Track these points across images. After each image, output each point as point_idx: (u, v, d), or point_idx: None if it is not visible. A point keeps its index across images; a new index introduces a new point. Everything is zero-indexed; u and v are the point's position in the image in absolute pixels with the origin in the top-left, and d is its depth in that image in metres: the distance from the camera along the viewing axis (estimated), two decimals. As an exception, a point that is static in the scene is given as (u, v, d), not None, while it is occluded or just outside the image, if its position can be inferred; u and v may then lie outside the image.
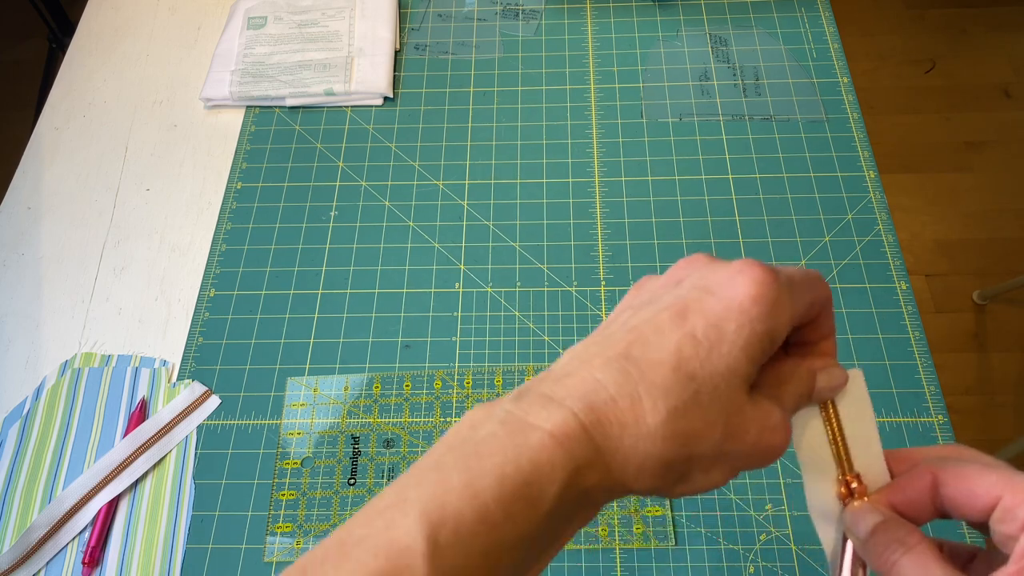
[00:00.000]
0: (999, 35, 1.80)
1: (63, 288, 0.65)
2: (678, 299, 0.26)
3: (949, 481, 0.28)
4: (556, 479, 0.24)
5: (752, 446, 0.26)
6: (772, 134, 0.70)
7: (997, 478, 0.27)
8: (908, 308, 0.60)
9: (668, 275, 0.29)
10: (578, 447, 0.24)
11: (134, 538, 0.54)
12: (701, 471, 0.26)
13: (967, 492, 0.27)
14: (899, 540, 0.27)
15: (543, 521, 0.24)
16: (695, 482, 0.26)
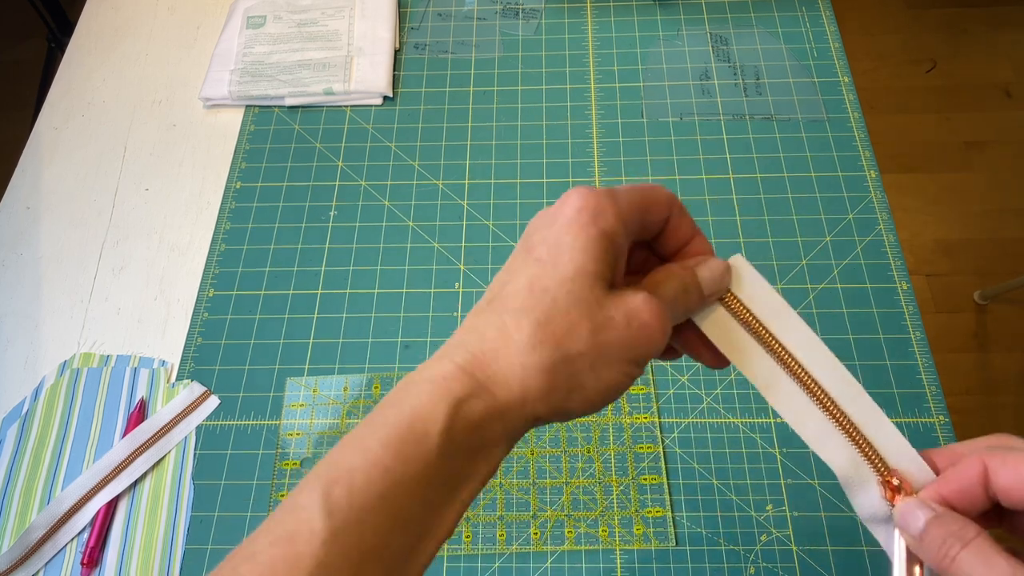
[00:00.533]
0: (1000, 35, 1.80)
1: (62, 288, 0.65)
2: (526, 240, 0.29)
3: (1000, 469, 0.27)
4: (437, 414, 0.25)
5: (624, 330, 0.27)
6: (773, 134, 0.69)
7: None
8: (909, 308, 0.60)
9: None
10: (455, 383, 0.26)
11: (133, 538, 0.54)
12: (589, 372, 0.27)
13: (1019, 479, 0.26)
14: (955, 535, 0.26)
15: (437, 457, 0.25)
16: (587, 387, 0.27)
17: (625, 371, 0.28)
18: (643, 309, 0.27)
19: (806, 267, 0.62)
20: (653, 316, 0.28)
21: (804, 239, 0.64)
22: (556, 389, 0.27)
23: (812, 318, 0.60)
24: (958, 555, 0.26)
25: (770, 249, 0.63)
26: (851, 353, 0.58)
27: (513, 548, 0.52)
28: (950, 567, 0.26)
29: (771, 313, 0.32)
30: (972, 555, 0.25)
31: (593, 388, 0.27)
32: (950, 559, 0.26)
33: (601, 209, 0.27)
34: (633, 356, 0.27)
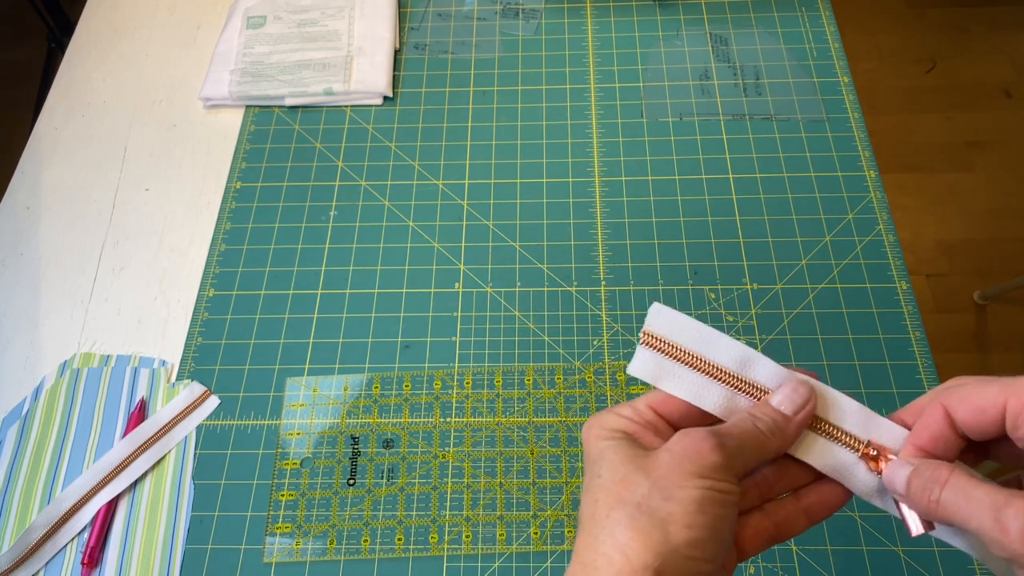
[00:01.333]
0: (1000, 35, 1.80)
1: (62, 288, 0.65)
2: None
3: (957, 406, 0.28)
4: None
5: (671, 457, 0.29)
6: (773, 133, 0.69)
7: (997, 388, 0.27)
8: (909, 308, 0.60)
9: None
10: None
11: (133, 538, 0.54)
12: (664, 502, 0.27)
13: (975, 410, 0.27)
14: (932, 479, 0.27)
15: None
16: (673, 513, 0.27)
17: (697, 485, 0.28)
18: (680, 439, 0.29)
19: (806, 267, 0.62)
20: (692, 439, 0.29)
21: (804, 239, 0.64)
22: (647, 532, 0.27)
23: (812, 318, 0.60)
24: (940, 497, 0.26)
25: (770, 249, 0.63)
26: (851, 353, 0.58)
27: (513, 548, 0.52)
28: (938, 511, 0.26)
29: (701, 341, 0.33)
30: (952, 493, 0.26)
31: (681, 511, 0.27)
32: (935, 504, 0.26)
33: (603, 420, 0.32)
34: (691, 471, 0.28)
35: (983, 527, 0.24)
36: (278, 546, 0.53)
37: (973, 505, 0.25)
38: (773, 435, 0.30)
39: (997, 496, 0.24)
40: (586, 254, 0.64)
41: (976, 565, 0.50)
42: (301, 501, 0.54)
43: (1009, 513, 0.23)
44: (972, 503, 0.25)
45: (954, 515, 0.26)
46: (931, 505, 0.27)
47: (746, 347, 0.32)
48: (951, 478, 0.26)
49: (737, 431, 0.30)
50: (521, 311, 0.61)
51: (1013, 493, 0.24)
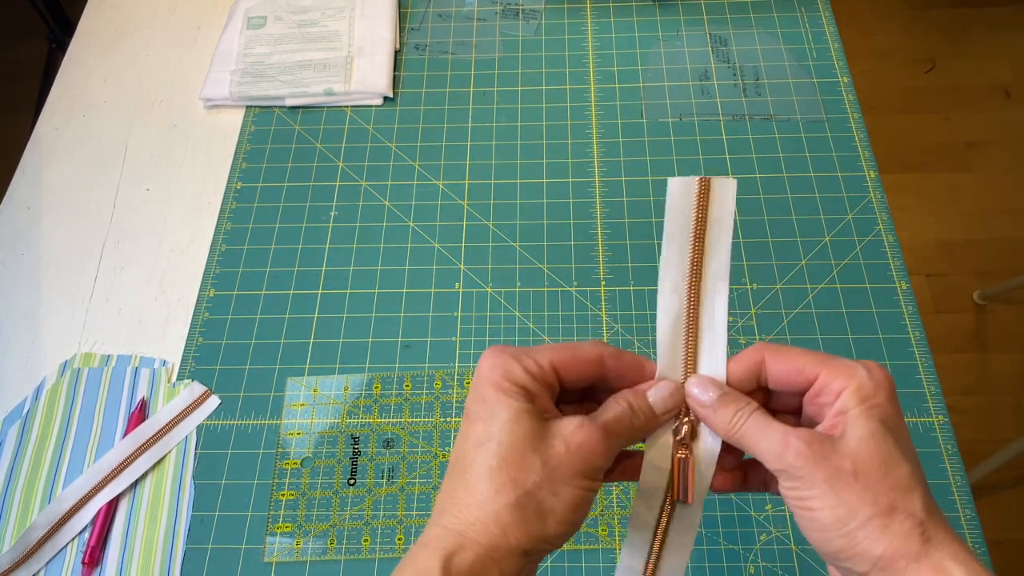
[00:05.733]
0: (999, 35, 1.80)
1: (63, 288, 0.65)
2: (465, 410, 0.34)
3: (778, 358, 0.33)
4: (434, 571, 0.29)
5: (566, 452, 0.31)
6: (772, 134, 0.70)
7: (816, 359, 0.32)
8: (908, 308, 0.60)
9: None
10: (444, 542, 0.30)
11: (134, 538, 0.54)
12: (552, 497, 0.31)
13: (793, 369, 0.33)
14: (741, 409, 0.33)
15: None
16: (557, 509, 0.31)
17: (580, 486, 0.31)
18: (575, 432, 0.31)
19: (806, 267, 0.62)
20: (585, 436, 0.31)
21: (804, 239, 0.64)
22: (529, 519, 0.30)
23: (812, 318, 0.60)
24: (743, 423, 0.32)
25: (770, 249, 0.63)
26: (851, 353, 0.58)
27: (513, 548, 0.52)
28: (737, 434, 0.32)
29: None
30: (755, 423, 0.32)
31: (561, 508, 0.31)
32: (737, 427, 0.32)
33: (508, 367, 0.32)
34: (581, 472, 0.31)
35: (772, 447, 0.31)
36: (278, 546, 0.53)
37: (769, 431, 0.31)
38: (643, 429, 0.34)
39: (786, 428, 0.31)
40: (586, 254, 0.64)
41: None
42: (301, 501, 0.55)
43: (792, 438, 0.30)
44: (768, 430, 0.31)
45: (749, 438, 0.32)
46: (733, 429, 0.32)
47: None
48: (756, 412, 0.32)
49: (620, 426, 0.33)
50: (521, 311, 0.62)
51: (794, 429, 0.31)
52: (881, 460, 0.30)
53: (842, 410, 0.31)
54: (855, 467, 0.29)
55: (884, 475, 0.30)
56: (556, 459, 0.31)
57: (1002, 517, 1.25)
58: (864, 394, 0.31)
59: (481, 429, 0.32)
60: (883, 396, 0.31)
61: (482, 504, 0.31)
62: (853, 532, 0.29)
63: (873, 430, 0.30)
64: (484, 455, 0.31)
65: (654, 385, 0.35)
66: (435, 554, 0.30)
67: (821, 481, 0.30)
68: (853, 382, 0.31)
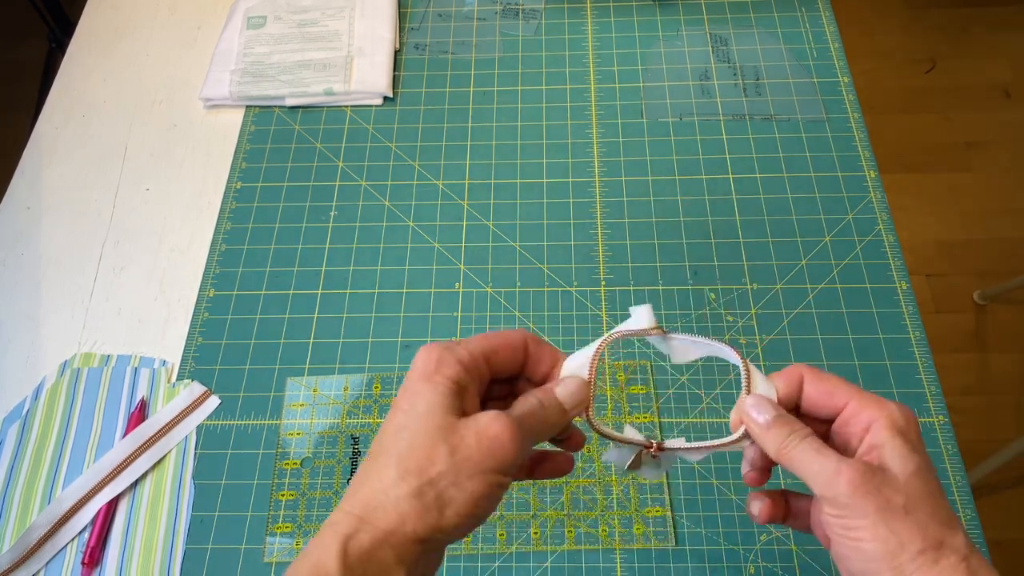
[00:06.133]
0: (999, 35, 1.80)
1: (62, 288, 0.65)
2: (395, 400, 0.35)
3: (815, 381, 0.34)
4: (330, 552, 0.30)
5: (476, 445, 0.32)
6: (772, 134, 0.70)
7: (848, 386, 0.34)
8: (908, 308, 0.60)
9: None
10: (343, 525, 0.31)
11: (134, 538, 0.54)
12: (453, 488, 0.31)
13: (827, 393, 0.34)
14: (796, 431, 0.33)
15: None
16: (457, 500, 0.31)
17: (489, 481, 0.32)
18: (491, 424, 0.32)
19: (806, 267, 0.62)
20: (500, 428, 0.32)
21: (804, 239, 0.64)
22: (427, 508, 0.31)
23: (812, 318, 0.60)
24: (797, 445, 0.33)
25: (770, 249, 0.63)
26: (851, 353, 0.58)
27: (513, 548, 0.52)
28: (788, 454, 0.33)
29: None
30: (808, 447, 0.32)
31: (462, 501, 0.31)
32: (789, 448, 0.33)
33: (441, 359, 0.33)
34: (490, 466, 0.32)
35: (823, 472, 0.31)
36: (278, 546, 0.53)
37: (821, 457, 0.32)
38: (552, 425, 0.35)
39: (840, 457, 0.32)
40: (586, 254, 0.64)
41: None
42: (301, 501, 0.55)
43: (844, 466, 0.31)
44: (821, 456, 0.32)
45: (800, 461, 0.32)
46: (786, 449, 0.33)
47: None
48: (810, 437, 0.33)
49: (531, 420, 0.34)
50: (521, 311, 0.62)
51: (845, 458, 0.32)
52: (929, 495, 0.30)
53: (877, 443, 0.32)
54: (906, 501, 0.30)
55: (933, 510, 0.30)
56: (465, 451, 0.31)
57: (1002, 517, 1.25)
58: (898, 428, 0.32)
59: (400, 418, 0.33)
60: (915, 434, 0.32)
61: (385, 489, 0.31)
62: (903, 565, 0.30)
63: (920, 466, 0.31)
64: (396, 442, 0.32)
65: (561, 382, 0.36)
66: (335, 536, 0.31)
67: (872, 512, 0.30)
68: (884, 413, 0.32)
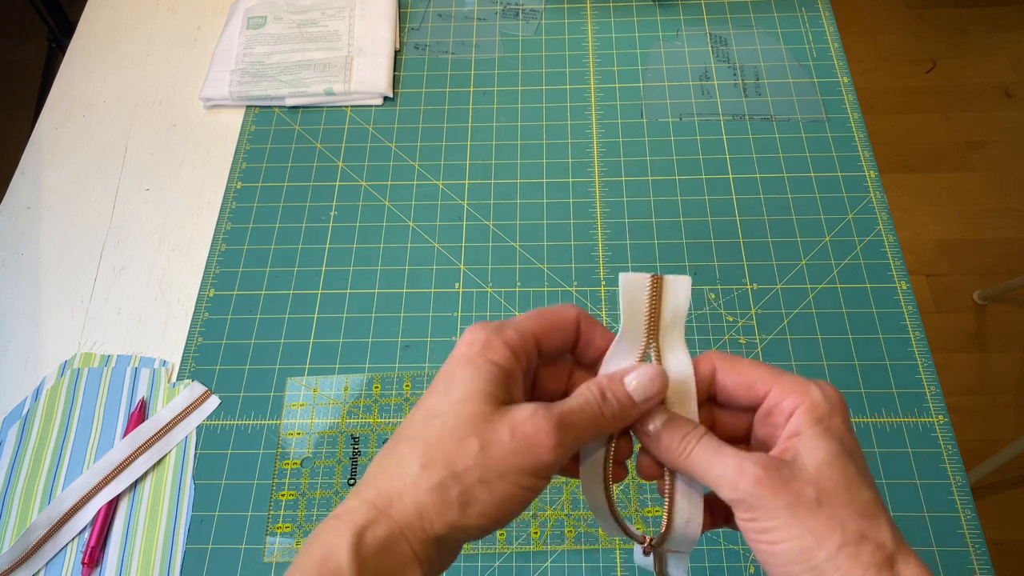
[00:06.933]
0: (999, 35, 1.80)
1: (62, 288, 0.65)
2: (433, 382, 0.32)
3: (728, 370, 0.31)
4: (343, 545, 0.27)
5: (509, 442, 0.28)
6: (772, 134, 0.70)
7: (768, 373, 0.31)
8: (908, 308, 0.60)
9: None
10: (357, 514, 0.28)
11: (134, 538, 0.54)
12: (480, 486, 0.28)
13: (743, 382, 0.31)
14: (690, 434, 0.30)
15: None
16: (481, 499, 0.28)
17: (518, 483, 0.28)
18: (527, 421, 0.29)
19: (806, 267, 0.62)
20: (538, 426, 0.29)
21: (804, 239, 0.64)
22: (448, 504, 0.28)
23: (812, 318, 0.60)
24: (693, 450, 0.30)
25: (770, 249, 0.63)
26: (851, 353, 0.58)
27: (513, 548, 0.52)
28: (686, 461, 0.30)
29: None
30: (705, 448, 0.30)
31: (487, 502, 0.28)
32: (686, 454, 0.30)
33: (488, 342, 0.30)
34: (522, 467, 0.28)
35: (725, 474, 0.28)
36: (278, 546, 0.53)
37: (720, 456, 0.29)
38: (615, 420, 0.31)
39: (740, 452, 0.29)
40: (586, 254, 0.64)
41: (976, 565, 0.50)
42: (301, 501, 0.55)
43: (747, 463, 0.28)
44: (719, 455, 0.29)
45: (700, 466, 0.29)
46: (681, 456, 0.30)
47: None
48: (705, 437, 0.30)
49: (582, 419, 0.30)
50: (521, 311, 0.62)
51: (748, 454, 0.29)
52: (844, 485, 0.28)
53: (795, 432, 0.29)
54: (818, 493, 0.27)
55: (849, 501, 0.27)
56: (497, 447, 0.28)
57: (1002, 517, 1.25)
58: (818, 414, 0.29)
59: (434, 403, 0.30)
60: (838, 418, 0.29)
61: (405, 477, 0.29)
62: (821, 565, 0.27)
63: (834, 453, 0.28)
64: (426, 429, 0.29)
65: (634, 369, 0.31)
66: (346, 528, 0.28)
67: (782, 509, 0.27)
68: (805, 401, 0.29)
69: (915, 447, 0.54)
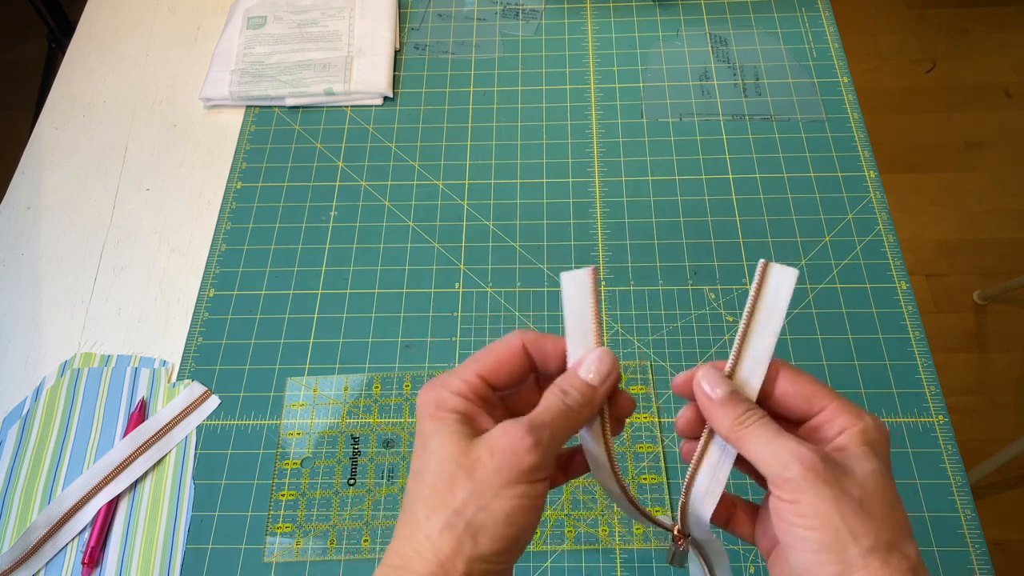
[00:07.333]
0: (999, 35, 1.80)
1: (63, 288, 0.65)
2: None
3: (792, 380, 0.33)
4: None
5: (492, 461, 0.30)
6: (772, 134, 0.70)
7: (828, 392, 0.32)
8: (908, 308, 0.60)
9: None
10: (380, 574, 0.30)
11: (134, 538, 0.54)
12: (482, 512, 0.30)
13: (803, 395, 0.32)
14: (752, 410, 0.32)
15: None
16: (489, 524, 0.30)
17: (514, 494, 0.30)
18: (500, 436, 0.30)
19: (806, 267, 0.62)
20: (510, 437, 0.30)
21: (804, 239, 0.64)
22: (461, 540, 0.29)
23: (812, 318, 0.60)
24: (751, 426, 0.31)
25: (770, 249, 0.63)
26: (851, 353, 0.58)
27: (513, 548, 0.52)
28: (741, 432, 0.31)
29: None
30: (764, 427, 0.31)
31: (493, 524, 0.30)
32: (743, 426, 0.31)
33: (439, 398, 0.32)
34: (512, 478, 0.30)
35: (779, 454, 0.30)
36: (278, 546, 0.53)
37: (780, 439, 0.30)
38: (583, 408, 0.32)
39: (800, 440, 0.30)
40: (586, 254, 0.64)
41: (976, 565, 0.50)
42: (301, 501, 0.55)
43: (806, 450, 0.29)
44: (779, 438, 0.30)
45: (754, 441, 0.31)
46: (738, 429, 0.31)
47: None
48: (765, 418, 0.31)
49: (550, 416, 0.31)
50: (521, 311, 0.62)
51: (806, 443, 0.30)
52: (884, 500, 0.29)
53: (842, 447, 0.31)
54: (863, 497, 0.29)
55: (889, 512, 0.29)
56: (483, 470, 0.30)
57: (1002, 517, 1.25)
58: (869, 438, 0.31)
59: (417, 463, 0.32)
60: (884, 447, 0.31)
61: (417, 534, 0.30)
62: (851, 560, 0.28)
63: (881, 469, 0.30)
64: (418, 486, 0.31)
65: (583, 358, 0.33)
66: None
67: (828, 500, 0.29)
68: (860, 424, 0.31)
69: (915, 447, 0.54)
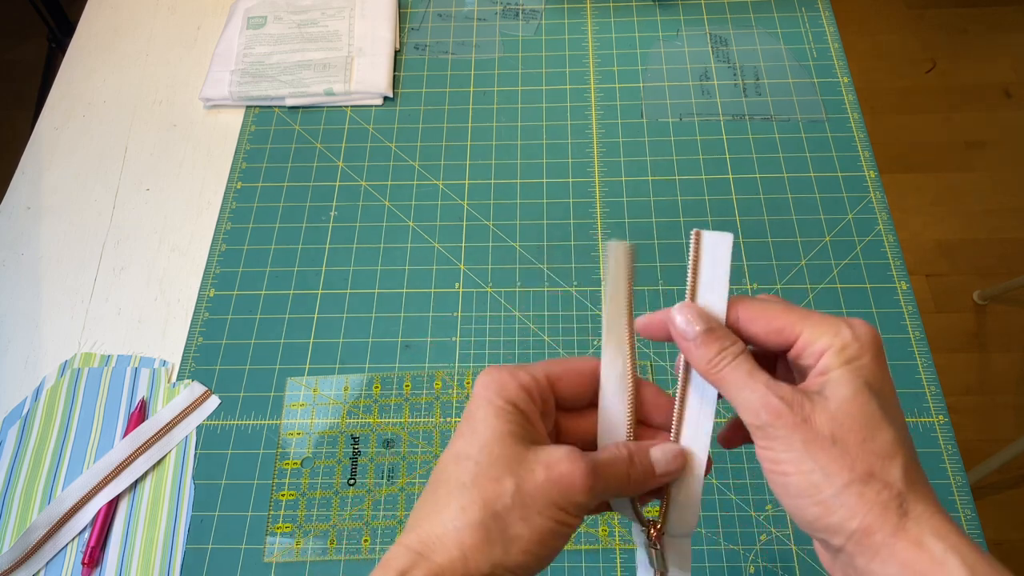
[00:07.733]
0: (999, 35, 1.80)
1: (63, 288, 0.65)
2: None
3: (756, 318, 0.31)
4: None
5: (546, 480, 0.29)
6: (772, 134, 0.70)
7: (797, 315, 0.30)
8: (908, 308, 0.60)
9: None
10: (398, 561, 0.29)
11: (134, 538, 0.54)
12: (520, 523, 0.29)
13: (773, 329, 0.31)
14: (728, 349, 0.30)
15: None
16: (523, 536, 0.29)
17: (555, 517, 0.29)
18: (562, 461, 0.30)
19: (806, 267, 0.62)
20: (572, 466, 0.30)
21: (804, 239, 0.64)
22: (492, 543, 0.29)
23: (812, 318, 0.60)
24: (726, 365, 0.30)
25: (770, 249, 0.63)
26: (851, 353, 0.58)
27: (513, 548, 0.52)
28: (717, 375, 0.30)
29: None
30: (739, 368, 0.30)
31: (528, 538, 0.29)
32: (720, 368, 0.30)
33: (502, 382, 0.31)
34: (556, 501, 0.29)
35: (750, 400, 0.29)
36: (278, 546, 0.53)
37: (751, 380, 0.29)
38: (636, 483, 0.32)
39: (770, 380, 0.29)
40: (586, 254, 0.64)
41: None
42: (301, 501, 0.55)
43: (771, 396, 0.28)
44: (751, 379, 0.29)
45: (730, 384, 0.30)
46: (715, 369, 0.30)
47: None
48: (743, 355, 0.30)
49: (611, 471, 0.31)
50: (521, 311, 0.62)
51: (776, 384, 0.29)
52: (862, 424, 0.28)
53: (823, 371, 0.29)
54: (833, 430, 0.28)
55: (864, 440, 0.28)
56: (532, 484, 0.29)
57: (1002, 517, 1.25)
58: (848, 355, 0.29)
59: (462, 445, 0.31)
60: (868, 356, 0.29)
61: (445, 522, 0.29)
62: (827, 500, 0.27)
63: (856, 391, 0.28)
64: (459, 471, 0.30)
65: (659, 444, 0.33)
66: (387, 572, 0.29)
67: (797, 444, 0.28)
68: (837, 341, 0.29)
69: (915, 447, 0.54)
